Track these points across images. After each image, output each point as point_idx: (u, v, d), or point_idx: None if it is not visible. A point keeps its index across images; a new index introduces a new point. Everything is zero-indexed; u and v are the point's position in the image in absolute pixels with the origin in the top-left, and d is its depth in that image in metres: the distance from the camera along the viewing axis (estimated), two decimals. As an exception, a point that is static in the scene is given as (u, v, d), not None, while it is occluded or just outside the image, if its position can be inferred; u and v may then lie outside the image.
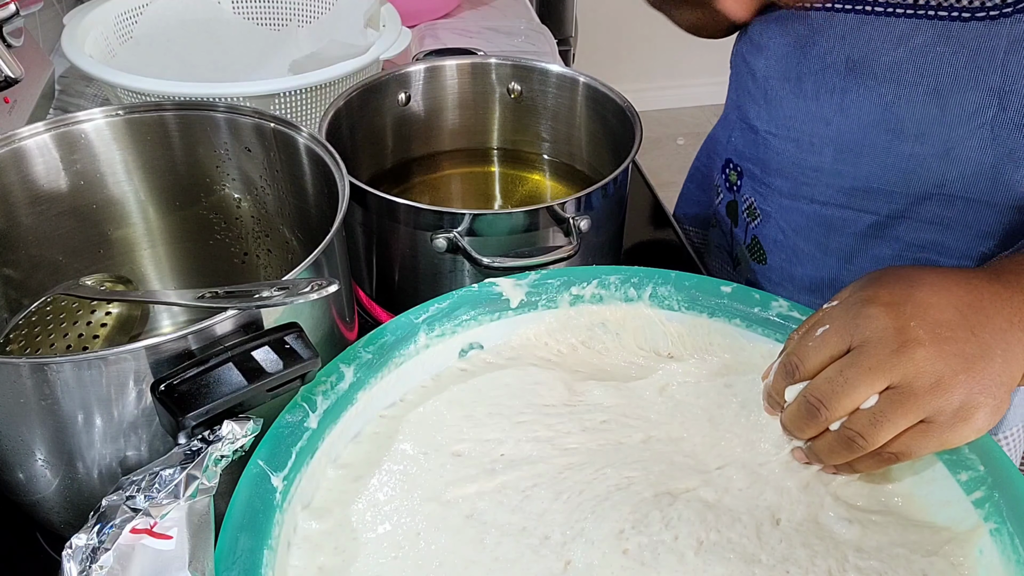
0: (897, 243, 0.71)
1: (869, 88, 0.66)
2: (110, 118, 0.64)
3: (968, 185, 0.66)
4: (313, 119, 0.87)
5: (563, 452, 0.53)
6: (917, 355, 0.45)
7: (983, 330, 0.47)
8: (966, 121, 0.63)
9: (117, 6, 0.97)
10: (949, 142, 0.65)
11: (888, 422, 0.46)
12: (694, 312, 0.59)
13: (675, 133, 2.97)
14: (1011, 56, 0.60)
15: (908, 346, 0.46)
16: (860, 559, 0.47)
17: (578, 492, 0.50)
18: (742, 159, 0.82)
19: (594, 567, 0.46)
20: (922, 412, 0.46)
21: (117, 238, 0.70)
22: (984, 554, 0.47)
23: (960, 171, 0.66)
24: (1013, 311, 0.48)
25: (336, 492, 0.51)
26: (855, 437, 0.47)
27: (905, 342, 0.46)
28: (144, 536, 0.42)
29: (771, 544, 0.48)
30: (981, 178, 0.65)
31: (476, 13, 1.31)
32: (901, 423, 0.46)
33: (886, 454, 0.48)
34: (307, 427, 0.50)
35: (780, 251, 0.80)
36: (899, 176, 0.68)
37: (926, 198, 0.68)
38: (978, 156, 0.64)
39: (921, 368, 0.45)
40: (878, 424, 0.46)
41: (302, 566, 0.47)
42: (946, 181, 0.66)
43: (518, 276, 0.60)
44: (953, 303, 0.48)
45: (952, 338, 0.46)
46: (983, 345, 0.46)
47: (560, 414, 0.55)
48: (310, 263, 0.52)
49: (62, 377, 0.46)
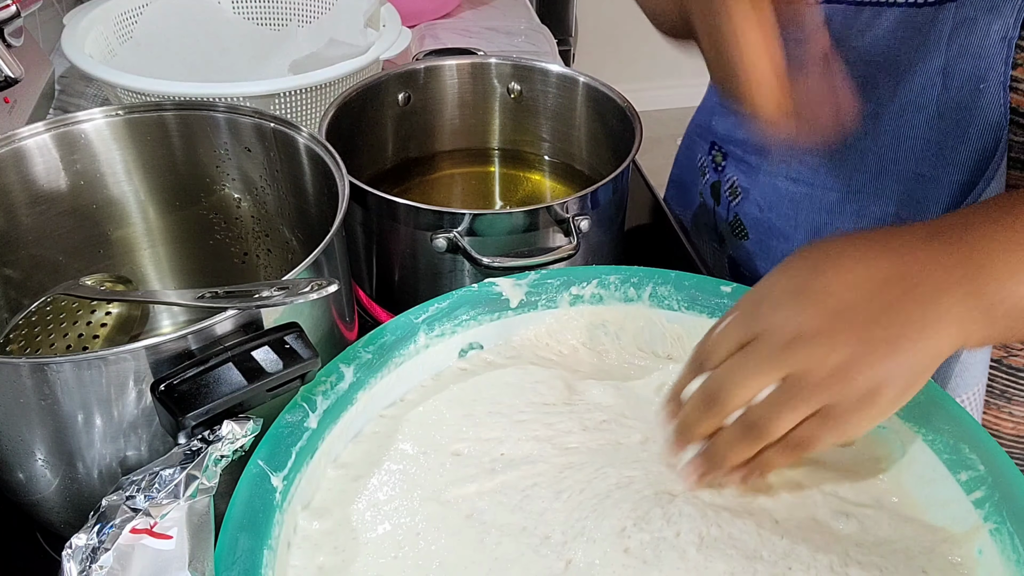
0: (863, 219, 0.72)
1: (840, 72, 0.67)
2: (110, 118, 0.64)
3: (919, 161, 0.67)
4: (313, 119, 0.87)
5: (563, 451, 0.53)
6: (809, 347, 0.45)
7: (899, 307, 0.46)
8: (915, 101, 0.66)
9: (117, 6, 0.97)
10: (900, 121, 0.67)
11: (784, 410, 0.45)
12: (694, 312, 0.59)
13: (675, 133, 2.95)
14: (954, 38, 0.63)
15: (800, 339, 0.45)
16: (861, 554, 0.47)
17: (579, 491, 0.50)
18: (725, 141, 0.84)
19: (595, 566, 0.46)
20: (819, 401, 0.45)
21: (117, 238, 0.70)
22: (984, 554, 0.47)
23: (910, 148, 0.67)
24: (946, 274, 0.46)
25: (336, 492, 0.51)
26: (751, 425, 0.47)
27: (798, 335, 0.45)
28: (144, 536, 0.42)
29: (772, 541, 0.48)
30: (928, 155, 0.66)
31: (476, 13, 1.31)
32: (800, 410, 0.45)
33: (791, 444, 0.47)
34: (307, 427, 0.50)
35: (758, 227, 0.81)
36: (856, 154, 0.70)
37: (882, 174, 0.69)
38: (924, 134, 0.66)
39: (813, 359, 0.45)
40: (773, 412, 0.46)
41: (302, 566, 0.47)
42: (899, 158, 0.68)
43: (518, 276, 0.60)
44: (862, 282, 0.46)
45: (851, 325, 0.45)
46: (892, 326, 0.45)
47: (560, 413, 0.55)
48: (310, 263, 0.52)
49: (62, 377, 0.46)
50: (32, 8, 0.96)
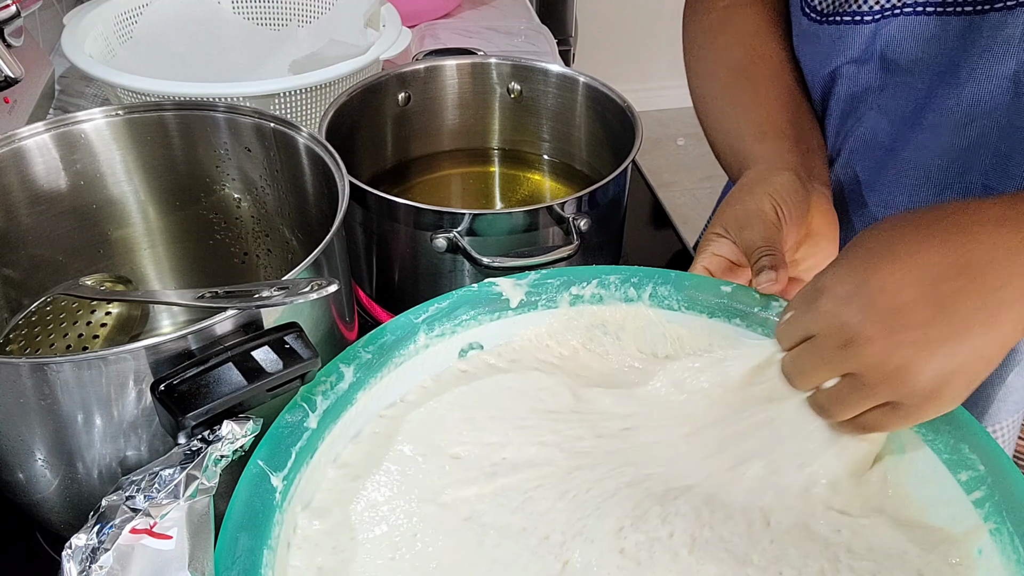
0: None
1: (903, 84, 0.66)
2: (110, 118, 0.64)
3: (987, 173, 0.65)
4: (313, 119, 0.87)
5: (573, 455, 0.53)
6: (865, 351, 0.44)
7: (959, 301, 0.44)
8: (982, 110, 0.63)
9: (117, 6, 0.97)
10: (967, 131, 0.64)
11: (847, 404, 0.46)
12: (694, 312, 0.59)
13: (675, 133, 2.97)
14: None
15: (855, 343, 0.45)
16: (853, 559, 0.47)
17: (585, 490, 0.50)
18: None
19: (591, 567, 0.46)
20: (881, 398, 0.45)
21: (117, 238, 0.70)
22: (984, 554, 0.47)
23: (977, 159, 0.65)
24: (1009, 261, 0.45)
25: (336, 492, 0.51)
26: (820, 407, 0.49)
27: (851, 339, 0.45)
28: (144, 536, 0.42)
29: (762, 545, 0.48)
30: (996, 166, 0.64)
31: (476, 13, 1.31)
32: (863, 405, 0.46)
33: (859, 424, 0.48)
34: (307, 427, 0.50)
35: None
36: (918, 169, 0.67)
37: (946, 188, 0.67)
38: (994, 143, 0.63)
39: (872, 362, 0.44)
40: (837, 403, 0.47)
41: (302, 566, 0.47)
42: (965, 169, 0.65)
43: (518, 276, 0.60)
44: (917, 278, 0.45)
45: (909, 324, 0.44)
46: (953, 323, 0.44)
47: (568, 420, 0.55)
48: (310, 263, 0.52)
49: (62, 377, 0.46)
50: (32, 8, 0.96)
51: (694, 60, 0.78)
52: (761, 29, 0.74)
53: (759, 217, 0.59)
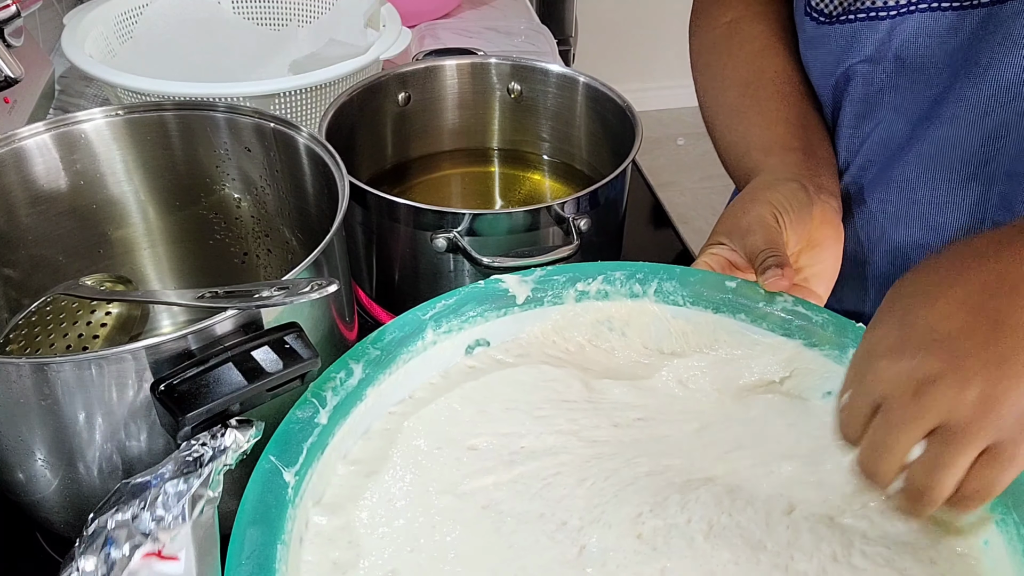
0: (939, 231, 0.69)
1: (919, 81, 0.65)
2: (110, 118, 0.64)
3: (1013, 160, 0.63)
4: (313, 119, 0.87)
5: (591, 444, 0.53)
6: (939, 390, 0.41)
7: (1010, 315, 0.42)
8: (1003, 98, 0.62)
9: (117, 6, 0.97)
10: (986, 121, 0.63)
11: (944, 464, 0.42)
12: (699, 308, 0.59)
13: (675, 133, 2.97)
14: None
15: (925, 385, 0.42)
16: (866, 545, 0.47)
17: (604, 478, 0.50)
18: None
19: (608, 552, 0.46)
20: (977, 442, 0.41)
21: (117, 238, 0.70)
22: (990, 545, 0.47)
23: (1001, 147, 0.63)
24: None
25: (348, 488, 0.51)
26: (919, 493, 0.43)
27: (920, 383, 0.42)
28: (152, 559, 0.42)
29: (778, 532, 0.48)
30: (1022, 154, 0.63)
31: (476, 13, 1.31)
32: (960, 462, 0.42)
33: (967, 498, 0.43)
34: (317, 423, 0.50)
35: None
36: (942, 165, 0.66)
37: (971, 179, 0.66)
38: (1017, 131, 0.62)
39: (949, 400, 0.41)
40: (935, 469, 0.42)
41: (316, 561, 0.47)
42: (989, 158, 0.64)
43: (523, 272, 0.60)
44: (964, 301, 0.43)
45: (972, 348, 0.42)
46: (1012, 337, 0.42)
47: (583, 409, 0.55)
48: (310, 263, 0.52)
49: (62, 377, 0.46)
50: (32, 8, 0.96)
51: (700, 75, 0.78)
52: (767, 45, 0.74)
53: (760, 223, 0.59)
